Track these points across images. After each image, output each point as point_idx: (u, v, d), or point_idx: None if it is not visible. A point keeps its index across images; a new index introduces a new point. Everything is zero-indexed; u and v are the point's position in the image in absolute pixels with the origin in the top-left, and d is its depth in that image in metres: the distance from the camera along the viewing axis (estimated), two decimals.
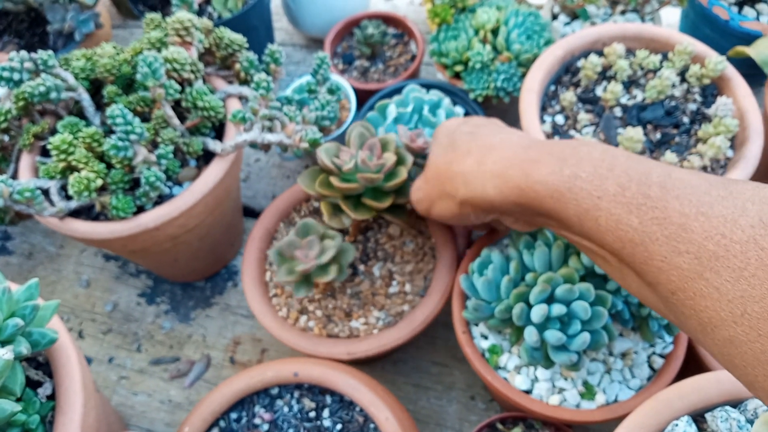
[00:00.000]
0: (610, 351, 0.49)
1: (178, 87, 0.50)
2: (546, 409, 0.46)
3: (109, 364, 0.65)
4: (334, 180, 0.47)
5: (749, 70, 0.61)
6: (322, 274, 0.48)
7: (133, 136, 0.48)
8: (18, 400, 0.40)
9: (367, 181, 0.45)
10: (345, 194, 0.48)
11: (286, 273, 0.48)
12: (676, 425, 0.37)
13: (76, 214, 0.52)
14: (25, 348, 0.36)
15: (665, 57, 0.58)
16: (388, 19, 0.78)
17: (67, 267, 0.72)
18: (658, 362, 0.48)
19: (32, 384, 0.42)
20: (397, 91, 0.68)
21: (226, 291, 0.69)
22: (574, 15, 0.69)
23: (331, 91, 0.60)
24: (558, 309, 0.42)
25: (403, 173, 0.48)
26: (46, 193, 0.52)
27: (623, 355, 0.49)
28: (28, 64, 0.51)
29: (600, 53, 0.58)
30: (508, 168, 0.36)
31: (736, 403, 0.38)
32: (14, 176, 0.56)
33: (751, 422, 0.36)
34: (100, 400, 0.49)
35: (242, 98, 0.57)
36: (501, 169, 0.36)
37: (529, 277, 0.45)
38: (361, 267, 0.54)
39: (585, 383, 0.47)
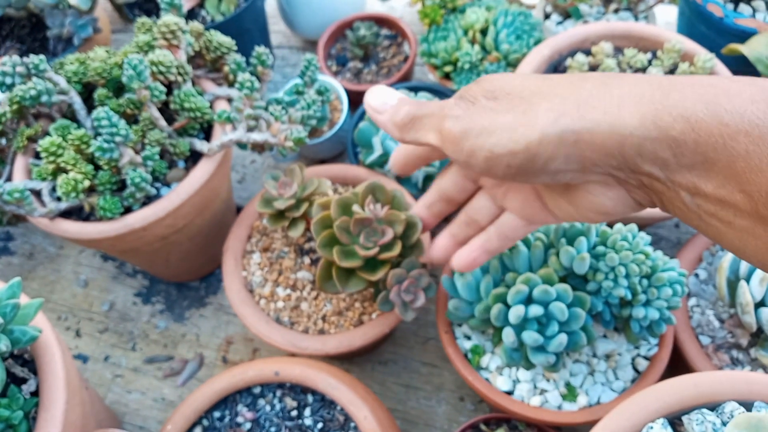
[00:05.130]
0: (593, 352, 0.48)
1: (163, 89, 0.51)
2: (527, 410, 0.46)
3: (105, 362, 0.66)
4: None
5: (744, 67, 0.60)
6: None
7: (118, 138, 0.48)
8: (2, 396, 0.41)
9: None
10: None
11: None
12: (651, 428, 0.36)
13: (67, 214, 0.53)
14: (5, 345, 0.37)
15: (654, 55, 0.57)
16: (381, 21, 0.78)
17: (66, 267, 0.73)
18: (642, 364, 0.48)
19: (17, 381, 0.43)
20: None
21: (219, 291, 0.69)
22: (567, 14, 0.69)
23: (319, 93, 0.60)
24: (535, 310, 0.42)
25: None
26: (38, 194, 0.53)
27: (607, 357, 0.48)
28: (20, 69, 0.53)
29: (588, 52, 0.58)
30: (669, 92, 0.27)
31: (713, 406, 0.38)
32: (9, 178, 0.57)
33: (726, 425, 0.35)
34: (89, 397, 0.50)
35: (230, 100, 0.58)
36: (653, 93, 0.27)
37: (509, 277, 0.45)
38: None
39: (567, 385, 0.47)
